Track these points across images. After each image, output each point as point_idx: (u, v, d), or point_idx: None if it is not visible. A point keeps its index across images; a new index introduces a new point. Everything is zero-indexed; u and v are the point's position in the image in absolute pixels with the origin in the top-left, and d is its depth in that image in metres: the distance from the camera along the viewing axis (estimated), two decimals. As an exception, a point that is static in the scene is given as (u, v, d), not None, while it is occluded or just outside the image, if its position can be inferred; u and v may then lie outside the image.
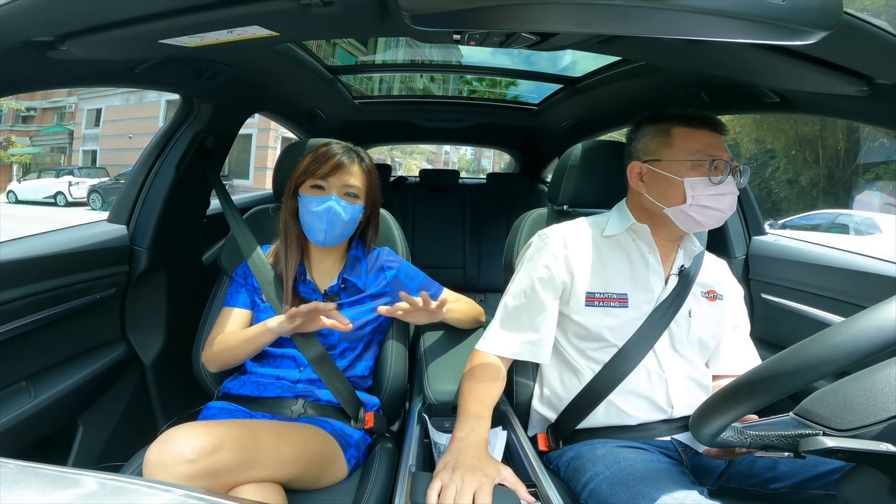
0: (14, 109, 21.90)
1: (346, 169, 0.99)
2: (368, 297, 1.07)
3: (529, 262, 0.95)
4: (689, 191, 0.86)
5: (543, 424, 0.97)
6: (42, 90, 0.96)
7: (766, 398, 0.50)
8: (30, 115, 22.79)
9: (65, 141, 21.52)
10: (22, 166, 19.47)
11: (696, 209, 0.86)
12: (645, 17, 0.60)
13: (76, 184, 13.98)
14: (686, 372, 0.90)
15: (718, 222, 0.88)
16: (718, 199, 0.85)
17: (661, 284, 0.93)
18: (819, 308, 1.16)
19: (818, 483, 0.75)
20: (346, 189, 1.00)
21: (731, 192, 0.86)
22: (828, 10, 0.55)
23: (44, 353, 1.05)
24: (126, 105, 18.46)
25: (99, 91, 18.87)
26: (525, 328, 0.91)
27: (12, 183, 15.80)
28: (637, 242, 0.94)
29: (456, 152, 27.47)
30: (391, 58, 2.03)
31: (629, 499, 0.70)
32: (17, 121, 22.72)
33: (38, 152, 21.77)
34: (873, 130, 8.93)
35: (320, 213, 0.97)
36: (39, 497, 0.36)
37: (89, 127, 20.33)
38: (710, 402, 0.57)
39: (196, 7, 0.71)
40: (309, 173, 0.99)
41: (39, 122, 22.79)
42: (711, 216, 0.87)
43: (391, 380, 1.09)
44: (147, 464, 0.68)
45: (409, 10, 0.59)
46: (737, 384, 0.53)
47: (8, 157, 20.06)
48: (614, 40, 0.92)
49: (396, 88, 2.52)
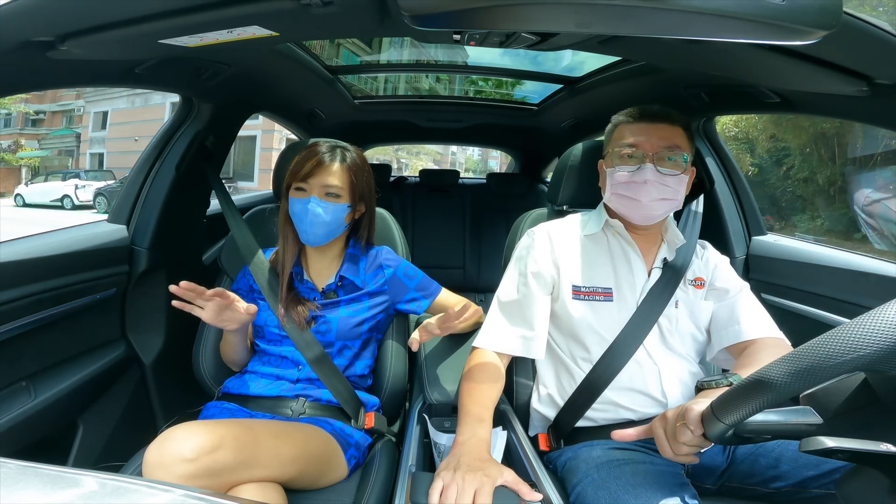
0: (23, 113, 22.04)
1: (325, 168, 0.98)
2: (366, 294, 1.07)
3: (519, 260, 0.97)
4: (609, 180, 0.92)
5: (544, 424, 0.97)
6: (42, 90, 0.96)
7: (785, 393, 0.48)
8: (39, 118, 22.91)
9: (72, 144, 21.65)
10: (31, 169, 19.60)
11: (615, 198, 0.92)
12: (645, 17, 0.60)
13: (82, 187, 14.01)
14: (678, 364, 0.91)
15: (642, 212, 0.89)
16: (635, 188, 0.88)
17: (644, 277, 0.94)
18: (819, 308, 1.16)
19: (819, 482, 0.75)
20: (326, 189, 0.99)
21: (650, 180, 0.86)
22: (828, 10, 0.55)
23: (44, 353, 1.05)
24: (132, 107, 18.52)
25: (105, 93, 19.07)
26: (518, 323, 0.92)
27: (20, 186, 15.90)
28: (616, 237, 0.96)
29: (463, 153, 27.36)
30: (395, 57, 2.02)
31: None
32: (27, 124, 22.85)
33: (47, 155, 21.88)
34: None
35: (300, 214, 0.98)
36: (39, 497, 0.36)
37: (96, 130, 20.44)
38: (723, 398, 0.56)
39: (196, 7, 0.71)
40: (293, 175, 1.00)
41: (48, 125, 22.90)
42: (631, 206, 0.90)
43: (391, 380, 1.09)
44: (147, 463, 0.68)
45: (409, 10, 0.59)
46: (748, 382, 0.52)
47: (17, 160, 20.19)
48: (614, 40, 0.92)
49: (402, 88, 2.51)
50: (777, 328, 0.90)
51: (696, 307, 0.94)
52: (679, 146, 0.89)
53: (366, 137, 2.79)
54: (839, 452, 0.48)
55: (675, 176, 0.88)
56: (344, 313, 1.03)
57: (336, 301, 1.05)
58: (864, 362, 0.42)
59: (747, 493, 0.82)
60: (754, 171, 9.66)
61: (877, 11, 7.28)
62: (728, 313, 0.93)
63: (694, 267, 0.96)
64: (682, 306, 0.93)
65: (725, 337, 0.91)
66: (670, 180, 0.87)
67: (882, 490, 0.49)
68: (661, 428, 0.68)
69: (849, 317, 0.48)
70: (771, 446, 0.82)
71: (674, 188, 0.88)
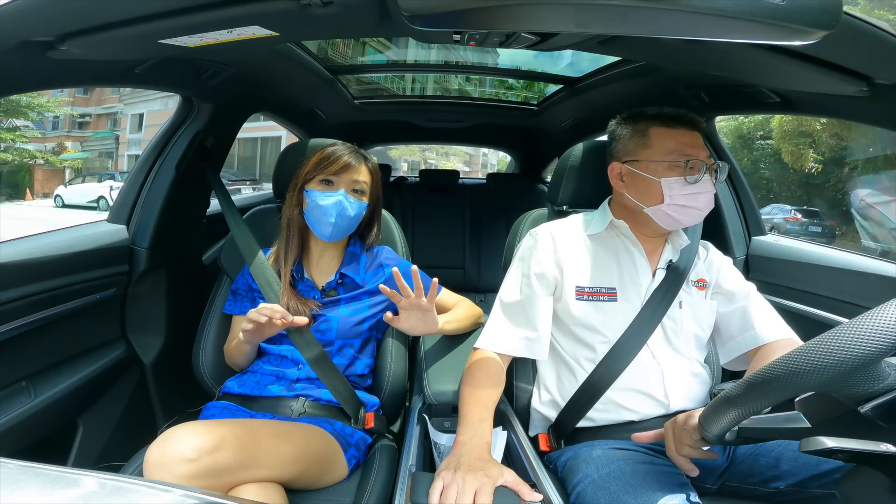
0: (70, 116, 22.57)
1: (355, 168, 1.02)
2: (366, 293, 1.07)
3: (522, 260, 0.96)
4: (667, 191, 0.88)
5: (545, 424, 0.97)
6: (42, 90, 0.97)
7: (782, 395, 0.49)
8: (85, 120, 23.46)
9: (112, 146, 22.32)
10: (74, 171, 20.12)
11: (674, 208, 0.89)
12: (645, 17, 0.60)
13: (117, 188, 14.16)
14: (681, 365, 0.91)
15: (697, 220, 0.91)
16: (695, 197, 0.88)
17: (649, 278, 0.94)
18: (819, 308, 1.16)
19: (819, 482, 0.75)
20: (355, 185, 1.03)
21: (708, 189, 0.88)
22: (827, 10, 0.55)
23: (44, 353, 1.05)
24: (164, 109, 18.91)
25: (141, 95, 19.68)
26: (521, 324, 0.92)
27: (59, 187, 16.25)
28: (621, 238, 0.96)
29: (494, 154, 27.09)
30: (423, 57, 2.00)
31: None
32: (73, 127, 23.36)
33: (88, 157, 22.35)
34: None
35: (329, 207, 0.99)
36: (39, 497, 0.36)
37: (133, 132, 21.00)
38: (717, 402, 0.57)
39: (196, 7, 0.71)
40: (319, 170, 1.01)
41: (94, 127, 23.44)
42: (689, 214, 0.89)
43: (391, 380, 1.09)
44: (147, 463, 0.68)
45: (408, 11, 0.59)
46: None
47: (60, 161, 20.67)
48: (614, 40, 0.92)
49: (417, 88, 2.49)
50: (789, 328, 0.92)
51: (698, 308, 0.94)
52: (708, 153, 0.90)
53: (366, 137, 2.79)
54: (839, 452, 0.48)
55: (714, 182, 0.90)
56: (344, 312, 1.03)
57: (336, 300, 1.05)
58: (812, 387, 0.47)
59: (747, 492, 0.82)
60: (818, 168, 9.23)
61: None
62: (741, 318, 0.94)
63: (696, 268, 0.97)
64: (685, 307, 0.93)
65: (743, 342, 0.93)
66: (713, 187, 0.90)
67: (882, 490, 0.49)
68: (671, 430, 0.73)
69: (848, 317, 0.48)
70: (771, 446, 0.82)
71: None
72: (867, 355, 0.42)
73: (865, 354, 0.42)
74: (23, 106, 15.79)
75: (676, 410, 0.88)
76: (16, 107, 15.80)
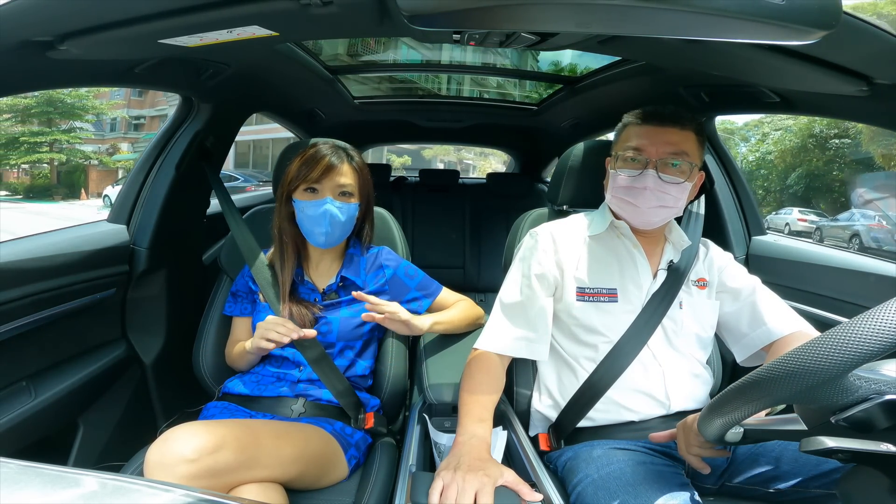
0: (125, 118, 23.18)
1: (337, 169, 0.98)
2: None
3: (522, 261, 0.96)
4: (611, 182, 0.92)
5: (545, 424, 0.97)
6: (42, 90, 0.97)
7: (778, 397, 0.49)
8: (140, 122, 23.92)
9: None
10: (126, 171, 20.42)
11: (615, 201, 0.91)
12: (645, 17, 0.60)
13: None
14: (682, 365, 0.91)
15: (640, 218, 0.90)
16: (634, 193, 0.87)
17: (650, 279, 0.93)
18: (819, 308, 1.16)
19: (820, 482, 0.75)
20: (340, 189, 0.99)
21: (650, 187, 0.86)
22: (827, 9, 0.55)
23: (44, 353, 1.05)
24: None
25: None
26: (521, 325, 0.91)
27: (108, 188, 16.59)
28: (621, 238, 0.96)
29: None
30: (459, 58, 1.98)
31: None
32: (129, 129, 23.90)
33: (137, 157, 22.58)
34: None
35: (318, 216, 0.97)
36: (40, 497, 0.36)
37: None
38: (717, 400, 0.57)
39: (196, 7, 0.71)
40: (301, 178, 0.98)
41: (148, 129, 23.77)
42: (629, 210, 0.90)
43: (391, 380, 1.09)
44: (148, 463, 0.68)
45: (408, 10, 0.59)
46: (745, 382, 0.53)
47: (113, 162, 21.27)
48: (614, 40, 0.92)
49: (422, 82, 2.46)
50: (801, 318, 0.90)
51: (699, 308, 0.94)
52: (686, 152, 0.87)
53: (366, 137, 2.78)
54: (839, 452, 0.48)
55: (678, 184, 0.86)
56: (345, 314, 1.03)
57: (337, 302, 1.05)
58: (784, 399, 0.48)
59: (747, 493, 0.82)
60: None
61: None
62: (750, 315, 0.93)
63: (696, 267, 0.96)
64: (685, 307, 0.92)
65: (757, 339, 0.91)
66: (672, 188, 0.86)
67: (882, 490, 0.49)
68: (682, 430, 0.74)
69: (848, 316, 0.48)
70: (771, 446, 0.82)
71: (674, 196, 0.87)
72: (834, 369, 0.42)
73: (832, 368, 0.42)
74: (78, 108, 16.28)
75: (677, 411, 0.88)
76: (71, 109, 16.33)
